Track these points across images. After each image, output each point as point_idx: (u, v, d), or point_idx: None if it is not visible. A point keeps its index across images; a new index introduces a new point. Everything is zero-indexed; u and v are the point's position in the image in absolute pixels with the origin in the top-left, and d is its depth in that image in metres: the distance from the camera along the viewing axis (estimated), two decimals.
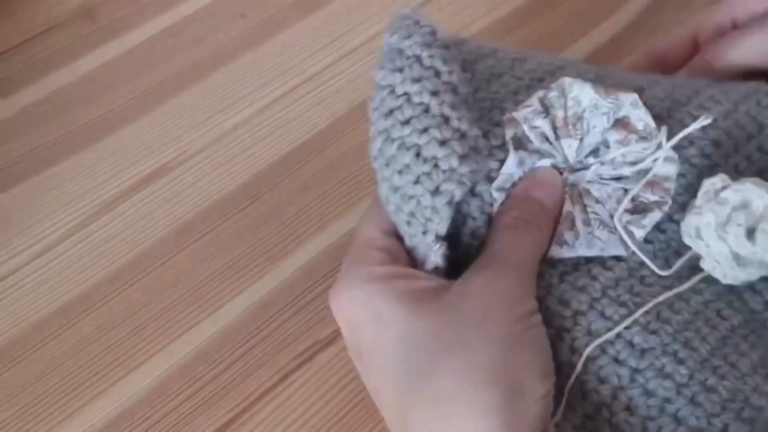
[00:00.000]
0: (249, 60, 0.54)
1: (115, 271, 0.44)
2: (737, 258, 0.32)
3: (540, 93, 0.35)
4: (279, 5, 0.57)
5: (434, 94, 0.33)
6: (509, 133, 0.34)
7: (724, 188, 0.32)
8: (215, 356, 0.41)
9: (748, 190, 0.31)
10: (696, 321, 0.32)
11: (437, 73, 0.34)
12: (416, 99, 0.33)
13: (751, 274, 0.32)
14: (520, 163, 0.34)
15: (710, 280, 0.33)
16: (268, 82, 0.52)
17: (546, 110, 0.34)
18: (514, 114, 0.34)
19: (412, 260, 0.34)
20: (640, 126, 0.34)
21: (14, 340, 0.42)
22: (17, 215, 0.47)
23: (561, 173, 0.34)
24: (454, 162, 0.31)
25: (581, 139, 0.34)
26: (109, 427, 0.39)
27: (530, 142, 0.34)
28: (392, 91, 0.34)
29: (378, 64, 0.35)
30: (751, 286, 0.33)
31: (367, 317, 0.31)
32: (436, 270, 0.33)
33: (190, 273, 0.44)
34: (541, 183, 0.34)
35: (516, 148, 0.34)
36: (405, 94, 0.33)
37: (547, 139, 0.34)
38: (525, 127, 0.34)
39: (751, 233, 0.31)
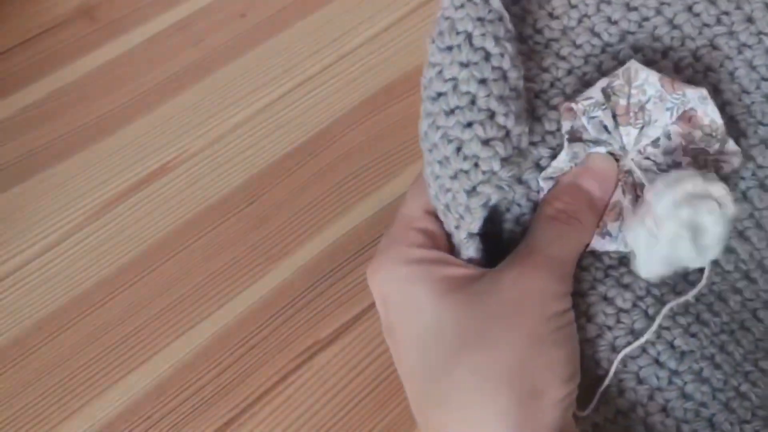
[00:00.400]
0: (249, 60, 0.54)
1: (115, 271, 0.44)
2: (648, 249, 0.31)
3: (603, 82, 0.33)
4: (279, 5, 0.57)
5: (482, 82, 0.31)
6: (566, 126, 0.32)
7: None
8: (215, 356, 0.41)
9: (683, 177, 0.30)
10: (732, 323, 0.32)
11: (487, 56, 0.31)
12: (463, 87, 0.31)
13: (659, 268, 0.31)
14: (574, 156, 0.32)
15: (749, 276, 0.33)
16: (268, 82, 0.53)
17: (607, 98, 0.33)
18: (573, 106, 0.32)
19: (452, 243, 0.33)
20: (706, 121, 0.32)
21: (14, 340, 0.42)
22: (17, 215, 0.47)
23: (617, 160, 0.32)
24: (496, 165, 0.30)
25: (641, 128, 0.32)
26: (109, 426, 0.39)
27: (586, 131, 0.32)
28: (440, 73, 0.32)
29: (430, 35, 0.32)
30: None
31: (399, 299, 0.31)
32: (471, 259, 0.32)
33: (190, 273, 0.44)
34: (592, 172, 0.32)
35: (571, 141, 0.32)
36: (452, 79, 0.31)
37: (606, 129, 0.32)
38: (584, 119, 0.32)
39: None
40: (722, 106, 0.34)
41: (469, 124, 0.30)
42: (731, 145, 0.32)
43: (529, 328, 0.29)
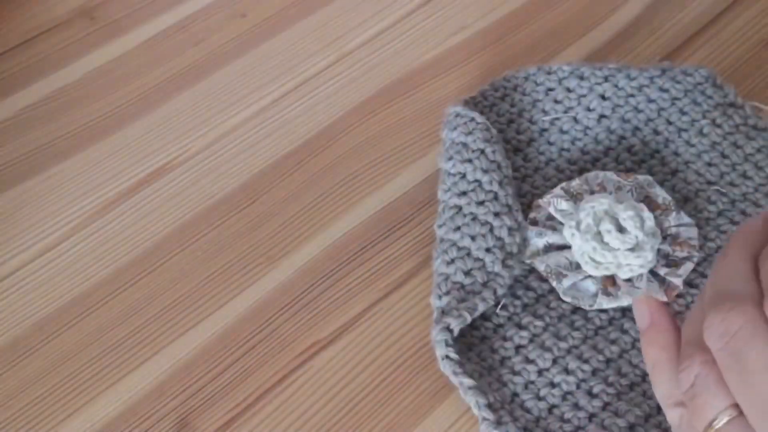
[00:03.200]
0: (249, 60, 0.54)
1: (115, 271, 0.44)
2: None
3: (563, 184, 0.44)
4: (279, 5, 0.57)
5: (500, 183, 0.42)
6: (531, 216, 0.43)
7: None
8: (215, 356, 0.41)
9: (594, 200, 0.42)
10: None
11: (499, 166, 0.43)
12: (487, 186, 0.42)
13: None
14: (539, 234, 0.42)
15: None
16: (268, 82, 0.53)
17: (570, 196, 0.43)
18: (540, 201, 0.43)
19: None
20: (659, 200, 0.43)
21: (15, 340, 0.42)
22: (17, 215, 0.47)
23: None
24: (515, 249, 0.41)
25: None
26: (110, 427, 0.39)
27: (548, 220, 0.43)
28: (464, 177, 0.43)
29: (444, 155, 0.44)
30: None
31: None
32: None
33: (190, 273, 0.44)
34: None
35: (531, 225, 0.43)
36: (476, 181, 0.42)
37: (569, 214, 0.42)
38: (551, 209, 0.43)
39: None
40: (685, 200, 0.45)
41: (497, 214, 0.41)
42: (685, 216, 0.43)
43: None
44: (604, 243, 0.41)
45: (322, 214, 0.46)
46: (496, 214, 0.41)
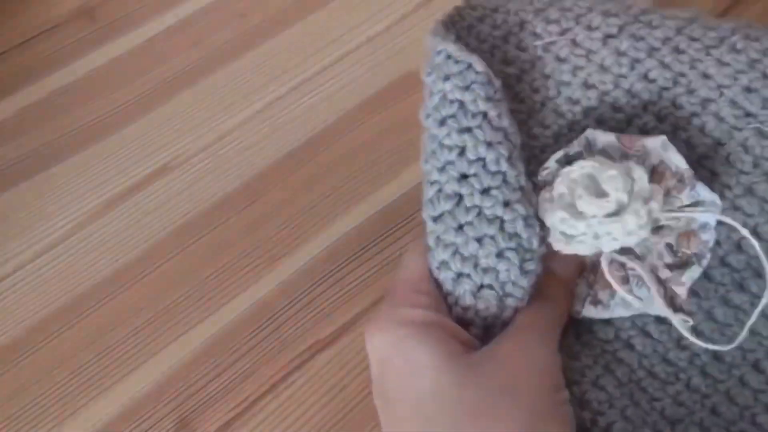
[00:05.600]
0: (249, 60, 0.54)
1: (115, 271, 0.44)
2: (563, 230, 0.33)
3: (559, 153, 0.34)
4: (279, 5, 0.57)
5: (509, 159, 0.32)
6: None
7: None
8: (215, 356, 0.41)
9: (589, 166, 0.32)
10: (728, 381, 0.32)
11: (506, 135, 0.33)
12: (492, 167, 0.32)
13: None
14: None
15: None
16: (268, 82, 0.53)
17: (566, 164, 0.34)
18: (535, 180, 0.34)
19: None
20: (672, 168, 0.33)
21: (15, 341, 0.42)
22: (17, 215, 0.47)
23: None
24: (534, 244, 0.32)
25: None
26: (110, 427, 0.39)
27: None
28: (462, 153, 0.33)
29: (433, 114, 0.35)
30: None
31: (398, 362, 0.30)
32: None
33: (190, 273, 0.44)
34: (553, 255, 0.34)
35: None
36: (480, 159, 0.33)
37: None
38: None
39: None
40: (699, 160, 0.34)
41: (507, 203, 0.32)
42: (706, 192, 0.32)
43: (529, 402, 0.29)
44: (578, 212, 0.32)
45: (322, 214, 0.46)
46: (506, 204, 0.32)
